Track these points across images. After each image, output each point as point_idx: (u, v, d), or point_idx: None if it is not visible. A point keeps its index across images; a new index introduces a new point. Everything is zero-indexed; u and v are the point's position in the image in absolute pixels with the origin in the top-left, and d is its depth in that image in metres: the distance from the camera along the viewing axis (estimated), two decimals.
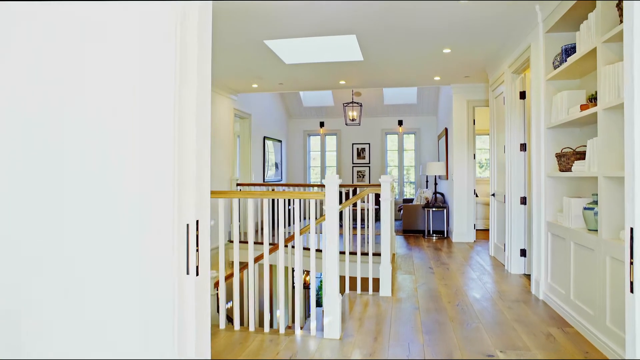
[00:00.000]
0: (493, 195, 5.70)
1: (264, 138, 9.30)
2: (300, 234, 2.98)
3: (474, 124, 7.06)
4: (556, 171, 3.61)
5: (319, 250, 5.82)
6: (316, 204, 7.79)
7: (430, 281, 4.43)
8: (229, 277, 4.72)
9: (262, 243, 5.97)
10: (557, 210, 3.63)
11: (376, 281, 4.27)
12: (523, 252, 4.71)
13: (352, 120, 9.37)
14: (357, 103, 9.30)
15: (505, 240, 4.99)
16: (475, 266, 5.13)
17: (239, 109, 7.94)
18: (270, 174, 10.18)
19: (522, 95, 4.71)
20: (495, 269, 4.94)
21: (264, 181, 9.25)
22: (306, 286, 9.90)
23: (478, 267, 5.05)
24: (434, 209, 7.51)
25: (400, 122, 10.85)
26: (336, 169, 11.25)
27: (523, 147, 4.71)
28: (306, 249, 6.03)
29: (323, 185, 7.55)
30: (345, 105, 9.45)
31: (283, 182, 10.77)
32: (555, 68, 3.56)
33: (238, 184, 7.32)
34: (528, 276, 4.58)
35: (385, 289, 3.89)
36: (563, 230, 3.30)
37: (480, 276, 4.63)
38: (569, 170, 3.27)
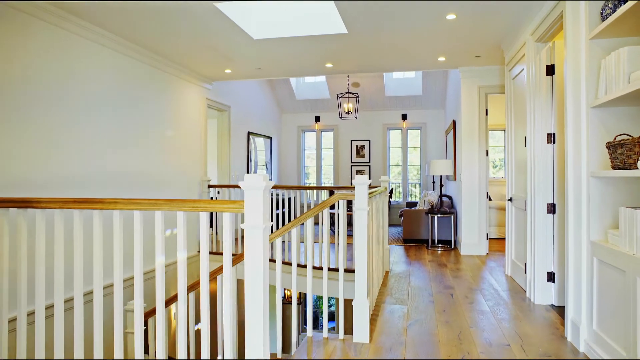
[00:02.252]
0: (510, 200, 4.57)
1: (249, 134, 8.27)
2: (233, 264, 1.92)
3: (487, 114, 5.93)
4: (607, 169, 2.50)
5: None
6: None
7: (427, 316, 3.33)
8: (171, 300, 3.71)
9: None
10: (607, 225, 2.51)
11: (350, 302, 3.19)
12: (551, 276, 3.59)
13: (348, 113, 8.29)
14: (353, 93, 8.21)
15: (526, 259, 3.87)
16: (487, 291, 4.02)
17: (215, 100, 6.93)
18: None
19: (550, 70, 3.59)
20: (514, 297, 3.82)
21: None
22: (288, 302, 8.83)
23: (491, 294, 3.94)
24: (439, 215, 6.39)
25: (403, 117, 9.73)
26: (333, 168, 10.18)
27: (551, 138, 3.59)
28: (301, 266, 4.98)
29: (318, 188, 6.49)
30: (339, 96, 8.38)
31: (273, 183, 9.72)
32: (603, 19, 2.45)
33: (210, 186, 6.31)
34: (558, 309, 3.46)
35: (360, 333, 2.81)
36: (620, 258, 2.19)
37: (495, 308, 3.52)
38: (632, 166, 2.16)
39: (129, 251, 3.91)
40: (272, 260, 5.14)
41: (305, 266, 4.72)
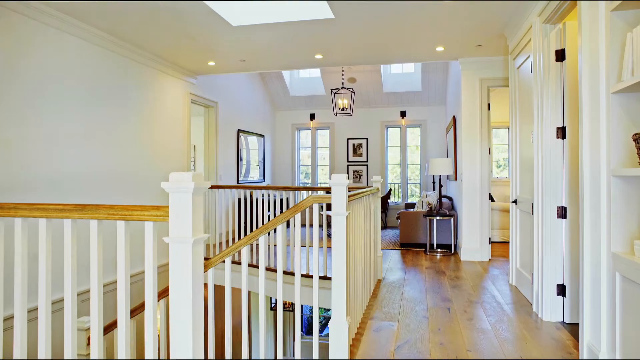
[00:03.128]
0: (514, 202, 4.15)
1: (238, 132, 7.87)
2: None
3: (489, 109, 5.50)
4: (633, 166, 2.07)
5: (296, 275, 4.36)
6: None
7: (419, 336, 2.91)
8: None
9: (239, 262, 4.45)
10: (633, 234, 2.09)
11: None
12: (561, 290, 3.16)
13: (343, 109, 7.88)
14: (348, 89, 7.80)
15: (533, 269, 3.44)
16: (489, 305, 3.59)
17: (200, 95, 6.53)
18: (254, 174, 8.76)
19: (560, 55, 3.17)
20: (519, 312, 3.39)
21: (237, 182, 7.82)
22: (288, 309, 8.44)
23: (493, 308, 3.51)
24: (438, 218, 5.96)
25: (402, 114, 9.30)
26: (329, 167, 9.76)
27: (562, 132, 3.16)
28: (289, 273, 4.57)
29: (299, 188, 6.08)
30: (334, 91, 7.97)
31: (266, 184, 9.33)
32: None
33: None
34: (571, 328, 3.03)
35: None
36: None
37: (497, 326, 3.09)
38: None
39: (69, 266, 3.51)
40: (254, 266, 4.75)
41: (291, 273, 4.32)
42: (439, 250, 6.03)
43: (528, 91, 3.69)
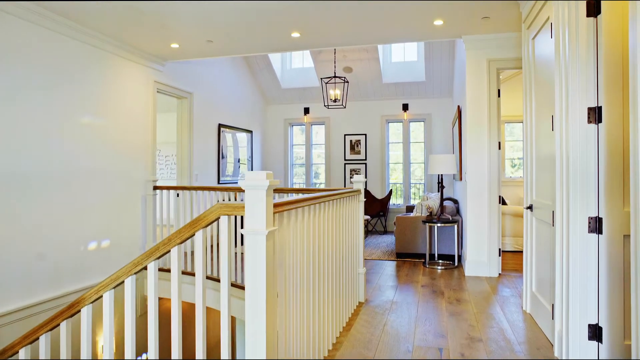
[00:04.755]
0: (529, 208, 3.28)
1: (220, 126, 7.10)
2: None
3: (499, 95, 4.62)
4: None
5: (237, 287, 3.61)
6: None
7: None
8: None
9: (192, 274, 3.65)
10: None
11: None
12: (596, 332, 2.30)
13: (335, 100, 7.06)
14: (341, 78, 6.97)
15: (554, 299, 2.59)
16: (495, 344, 2.74)
17: (170, 84, 5.77)
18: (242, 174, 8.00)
19: (593, 8, 2.31)
20: (535, 357, 2.54)
21: (218, 183, 7.06)
22: None
23: (501, 349, 2.66)
24: (439, 224, 5.10)
25: (404, 107, 8.43)
26: (325, 166, 8.95)
27: (595, 114, 2.30)
28: (237, 286, 3.79)
29: (295, 190, 5.29)
30: (325, 81, 7.15)
31: None
32: None
33: (156, 187, 5.16)
34: None
35: None
36: None
37: None
38: None
39: None
40: (190, 274, 3.98)
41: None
42: (440, 262, 5.17)
43: (547, 66, 2.83)
